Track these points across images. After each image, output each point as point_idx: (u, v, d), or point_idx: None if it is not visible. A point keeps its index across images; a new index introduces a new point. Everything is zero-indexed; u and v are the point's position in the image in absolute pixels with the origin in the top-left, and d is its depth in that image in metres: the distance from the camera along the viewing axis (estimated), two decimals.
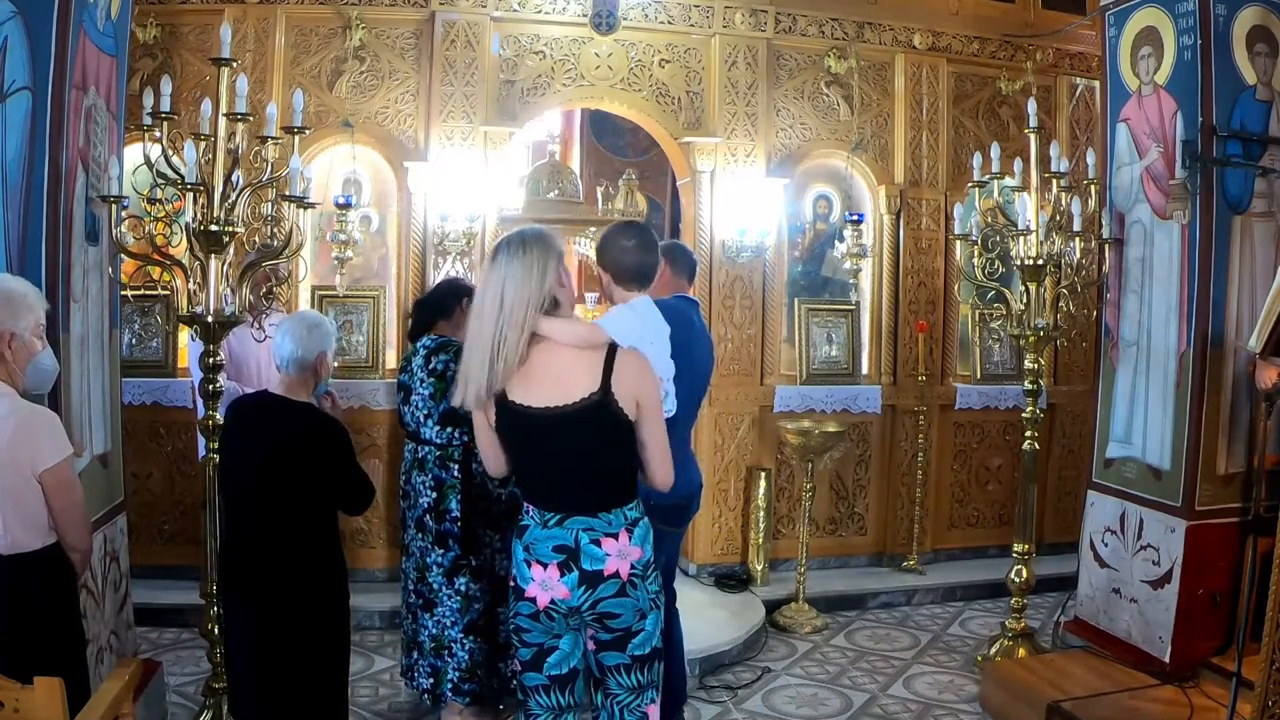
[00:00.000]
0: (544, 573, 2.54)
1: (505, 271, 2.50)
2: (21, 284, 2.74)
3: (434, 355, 3.85)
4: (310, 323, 3.26)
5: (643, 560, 2.58)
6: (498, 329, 2.48)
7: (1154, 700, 3.99)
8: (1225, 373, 4.31)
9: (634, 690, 2.63)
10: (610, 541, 2.54)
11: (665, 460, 2.64)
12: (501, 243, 2.59)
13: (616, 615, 2.55)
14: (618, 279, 3.17)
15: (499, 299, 2.49)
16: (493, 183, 5.64)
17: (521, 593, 2.59)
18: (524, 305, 2.48)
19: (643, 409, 2.57)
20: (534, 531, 2.58)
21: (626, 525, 2.57)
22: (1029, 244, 4.58)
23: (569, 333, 2.54)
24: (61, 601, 2.74)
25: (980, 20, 6.31)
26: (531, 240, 2.55)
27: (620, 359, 2.54)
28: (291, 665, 3.14)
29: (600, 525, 2.54)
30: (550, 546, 2.54)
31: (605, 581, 2.52)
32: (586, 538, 2.53)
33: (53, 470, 2.62)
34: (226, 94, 3.57)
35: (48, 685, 2.14)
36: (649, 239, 3.23)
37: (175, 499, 5.43)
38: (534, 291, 2.49)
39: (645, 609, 2.59)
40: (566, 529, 2.54)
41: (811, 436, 5.51)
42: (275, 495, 3.10)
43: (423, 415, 3.87)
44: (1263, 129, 4.30)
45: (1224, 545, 4.28)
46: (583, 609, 2.54)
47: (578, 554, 2.53)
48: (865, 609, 5.76)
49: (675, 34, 5.85)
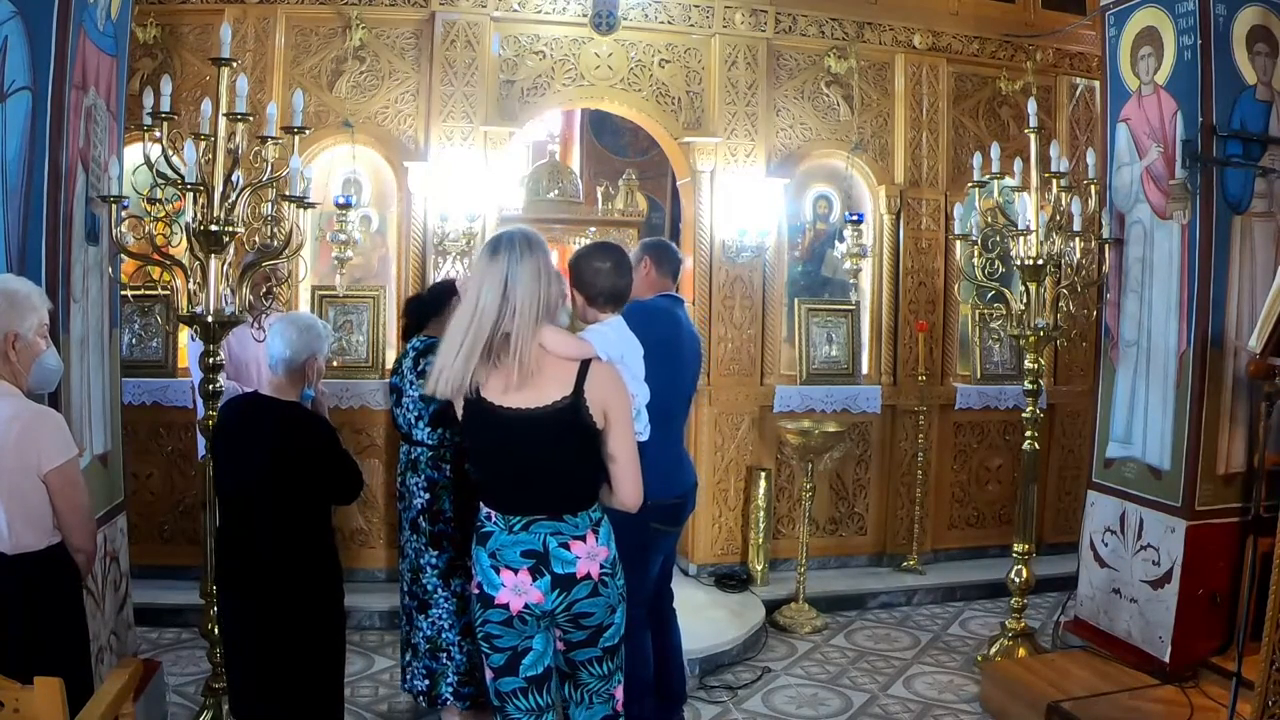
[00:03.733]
0: (515, 578, 2.55)
1: (510, 270, 2.50)
2: (25, 284, 2.74)
3: (422, 357, 3.85)
4: (302, 325, 3.23)
5: (610, 558, 2.62)
6: (496, 325, 2.47)
7: (1154, 700, 3.99)
8: (1225, 373, 4.30)
9: (604, 678, 2.70)
10: (579, 544, 2.56)
11: (635, 474, 2.62)
12: (500, 239, 2.57)
13: (590, 614, 2.59)
14: (591, 301, 3.11)
15: (501, 296, 2.48)
16: (493, 183, 5.64)
17: (490, 600, 2.58)
18: (533, 306, 2.49)
19: (611, 420, 2.58)
20: (499, 537, 2.57)
21: (591, 526, 2.59)
22: (1029, 244, 4.58)
23: (567, 346, 2.57)
24: (65, 601, 2.74)
25: (980, 20, 6.31)
26: (535, 243, 2.57)
27: (594, 368, 2.56)
28: (286, 662, 3.14)
29: (567, 529, 2.56)
30: (518, 552, 2.55)
31: (578, 584, 2.55)
32: (555, 542, 2.55)
33: (58, 470, 2.62)
34: (226, 94, 3.57)
35: (48, 685, 2.14)
36: (624, 261, 3.18)
37: (175, 499, 5.44)
38: (542, 295, 2.52)
39: (615, 604, 2.64)
40: (533, 534, 2.55)
41: (811, 436, 5.51)
42: (266, 495, 3.10)
43: (414, 417, 3.88)
44: (1263, 129, 4.30)
45: (1224, 545, 4.28)
46: (556, 612, 2.56)
47: (547, 558, 2.54)
48: (865, 609, 5.76)
49: (675, 34, 5.85)
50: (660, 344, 3.36)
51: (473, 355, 2.48)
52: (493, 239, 2.62)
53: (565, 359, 2.55)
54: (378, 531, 5.55)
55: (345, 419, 5.25)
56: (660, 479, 3.34)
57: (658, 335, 3.40)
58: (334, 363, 5.40)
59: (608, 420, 2.58)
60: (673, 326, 3.75)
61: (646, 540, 3.64)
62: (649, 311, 3.61)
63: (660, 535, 3.71)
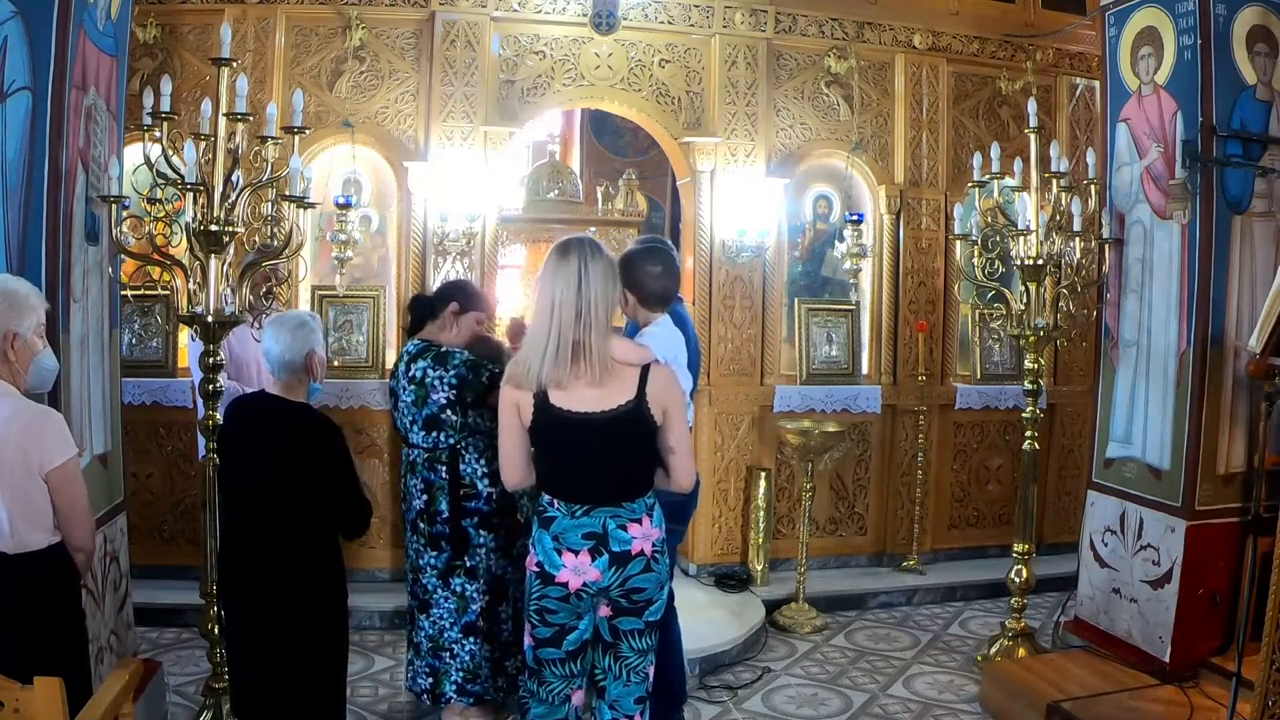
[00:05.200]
0: (575, 559, 2.75)
1: (585, 271, 2.67)
2: (23, 284, 2.75)
3: (414, 362, 3.86)
4: (293, 324, 3.22)
5: (661, 539, 2.85)
6: (576, 324, 2.66)
7: (1154, 700, 3.99)
8: (1225, 373, 4.30)
9: (642, 653, 2.89)
10: (635, 526, 2.79)
11: (690, 462, 2.90)
12: (570, 243, 2.76)
13: (642, 590, 2.80)
14: (644, 301, 3.45)
15: (576, 295, 2.66)
16: (493, 183, 5.64)
17: (551, 578, 2.77)
18: (605, 305, 2.70)
19: (670, 416, 2.81)
20: (562, 521, 2.78)
21: (646, 510, 2.82)
22: (1029, 244, 4.58)
23: (631, 353, 2.79)
24: (65, 601, 2.74)
25: (980, 20, 6.31)
26: (602, 247, 2.78)
27: (654, 372, 2.78)
28: (288, 662, 3.14)
29: (625, 513, 2.78)
30: (580, 534, 2.76)
31: (633, 560, 2.77)
32: (614, 524, 2.77)
33: (59, 470, 2.63)
34: (226, 94, 3.57)
35: (48, 685, 2.14)
36: (672, 265, 3.52)
37: (175, 499, 5.44)
38: (611, 296, 2.74)
39: (664, 580, 2.88)
40: (594, 518, 2.77)
41: (811, 436, 5.51)
42: (275, 494, 3.10)
43: (408, 421, 3.89)
44: (1263, 129, 4.29)
45: (1224, 545, 4.28)
46: (612, 588, 2.77)
47: (606, 539, 2.76)
48: (865, 609, 5.76)
49: (675, 34, 5.85)
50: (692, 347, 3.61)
51: (559, 356, 2.67)
52: (560, 243, 2.78)
53: (629, 365, 2.75)
54: (378, 531, 5.53)
55: (345, 419, 5.23)
56: None
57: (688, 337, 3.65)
58: (334, 363, 5.40)
59: (666, 416, 2.80)
60: (692, 329, 3.93)
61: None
62: (682, 316, 3.76)
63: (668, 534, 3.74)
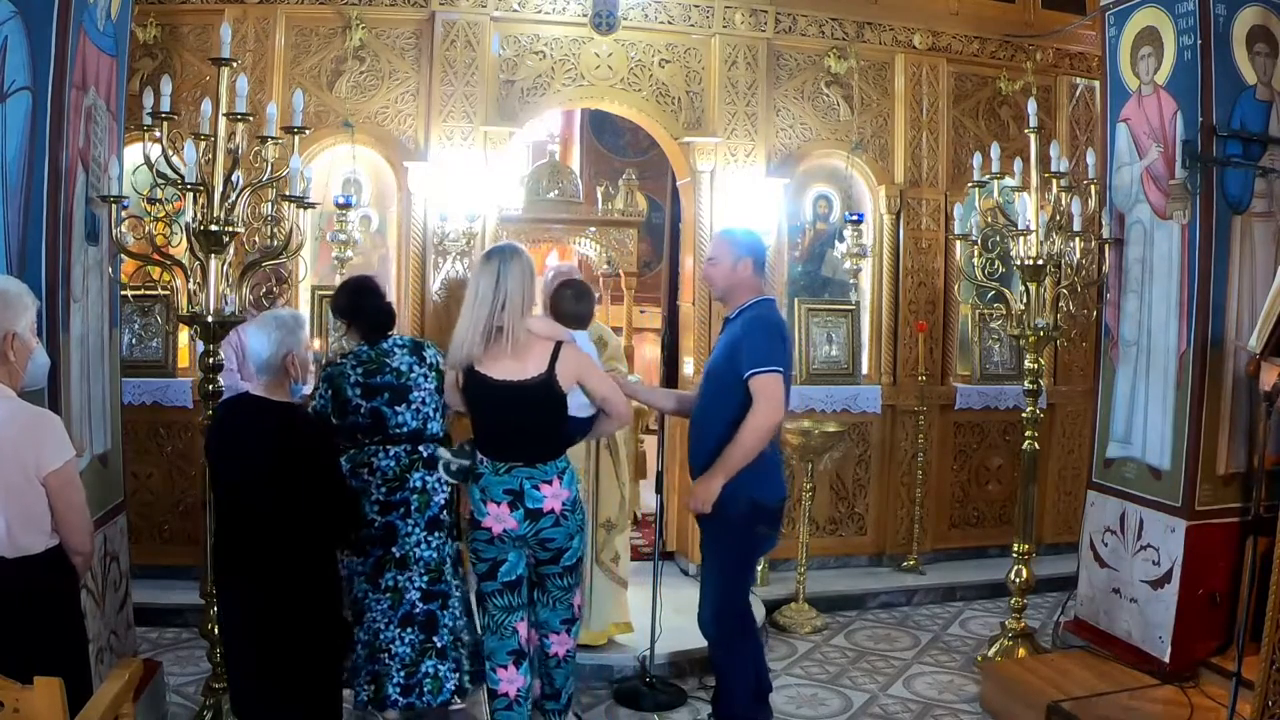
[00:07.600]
0: (498, 509, 3.33)
1: (503, 270, 3.28)
2: (13, 283, 2.75)
3: (422, 350, 3.76)
4: (272, 324, 3.18)
5: (570, 499, 3.40)
6: (490, 314, 3.24)
7: (1154, 700, 3.99)
8: (1225, 373, 4.30)
9: (566, 589, 3.54)
10: (546, 486, 3.35)
11: (618, 396, 3.50)
12: (494, 251, 3.39)
13: (553, 539, 3.39)
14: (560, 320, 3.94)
15: (493, 289, 3.26)
16: (493, 183, 5.64)
17: (479, 523, 3.36)
18: (520, 299, 3.27)
19: (585, 379, 3.40)
20: (488, 478, 3.36)
21: (557, 473, 3.38)
22: (1029, 244, 4.58)
23: (545, 328, 3.41)
24: (65, 602, 2.74)
25: (980, 20, 6.31)
26: (521, 251, 3.39)
27: (564, 351, 3.34)
28: (286, 662, 3.14)
29: (538, 474, 3.35)
30: (501, 489, 3.33)
31: (544, 516, 3.35)
32: (529, 484, 3.33)
33: (57, 473, 2.62)
34: (226, 94, 3.57)
35: (48, 685, 2.14)
36: (585, 293, 4.25)
37: (175, 499, 5.44)
38: (528, 289, 3.30)
39: (573, 533, 3.43)
40: (513, 476, 3.34)
41: (811, 436, 5.51)
42: (259, 495, 3.10)
43: (431, 409, 3.75)
44: (1263, 129, 4.29)
45: (1224, 545, 4.28)
46: (527, 536, 3.36)
47: (522, 495, 3.33)
48: (865, 609, 5.76)
49: (675, 34, 5.85)
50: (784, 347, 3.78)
51: (482, 335, 3.24)
52: (486, 251, 3.47)
53: (543, 338, 3.33)
54: None
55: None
56: (778, 479, 3.86)
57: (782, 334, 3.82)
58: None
59: (583, 380, 3.40)
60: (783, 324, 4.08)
61: (754, 545, 3.81)
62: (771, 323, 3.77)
63: (765, 539, 3.83)
